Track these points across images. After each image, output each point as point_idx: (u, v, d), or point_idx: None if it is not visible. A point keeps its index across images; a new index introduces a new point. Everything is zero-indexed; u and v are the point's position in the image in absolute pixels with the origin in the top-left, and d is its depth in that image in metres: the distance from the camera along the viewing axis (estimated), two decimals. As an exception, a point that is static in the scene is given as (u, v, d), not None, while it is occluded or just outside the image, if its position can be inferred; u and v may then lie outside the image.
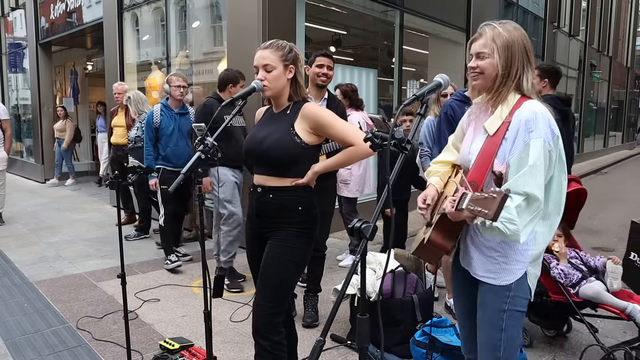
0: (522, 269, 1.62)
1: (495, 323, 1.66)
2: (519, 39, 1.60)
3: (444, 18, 8.27)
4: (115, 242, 5.26)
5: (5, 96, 12.71)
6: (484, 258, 1.66)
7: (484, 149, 1.62)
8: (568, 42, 15.27)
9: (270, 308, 2.05)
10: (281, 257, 2.06)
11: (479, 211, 1.36)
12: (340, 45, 7.74)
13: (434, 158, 2.03)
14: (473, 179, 1.59)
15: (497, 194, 1.34)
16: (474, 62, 1.64)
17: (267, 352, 2.04)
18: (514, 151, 1.54)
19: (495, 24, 1.63)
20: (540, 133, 1.51)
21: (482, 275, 1.67)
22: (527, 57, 1.61)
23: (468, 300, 1.79)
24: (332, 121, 2.10)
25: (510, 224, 1.45)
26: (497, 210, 1.32)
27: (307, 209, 2.11)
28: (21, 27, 11.33)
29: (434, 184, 1.82)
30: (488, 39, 1.61)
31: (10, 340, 3.11)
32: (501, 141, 1.58)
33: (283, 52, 2.08)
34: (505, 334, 1.64)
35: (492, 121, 1.62)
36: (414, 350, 2.77)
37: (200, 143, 1.93)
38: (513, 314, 1.64)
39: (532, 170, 1.49)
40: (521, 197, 1.48)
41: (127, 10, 7.53)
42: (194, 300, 3.81)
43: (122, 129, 6.02)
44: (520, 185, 1.49)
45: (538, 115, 1.53)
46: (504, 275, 1.63)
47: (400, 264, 3.13)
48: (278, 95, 2.13)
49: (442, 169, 1.89)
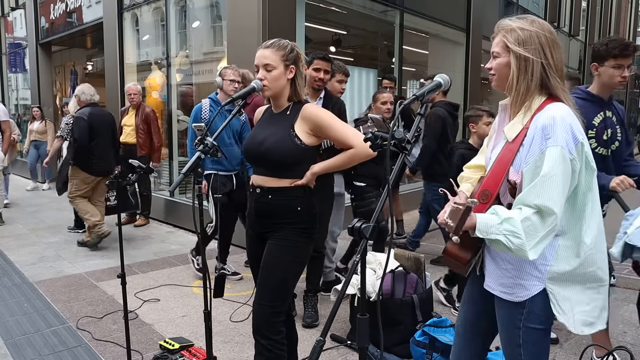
0: (538, 285, 1.48)
1: (512, 339, 1.56)
2: (537, 32, 1.47)
3: (444, 18, 8.27)
4: (115, 242, 5.26)
5: (5, 96, 12.72)
6: (499, 270, 1.56)
7: (501, 156, 1.52)
8: (568, 42, 15.27)
9: (270, 307, 2.05)
10: (281, 256, 2.06)
11: (450, 225, 1.30)
12: (340, 45, 7.74)
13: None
14: (487, 187, 1.51)
15: (462, 206, 1.28)
16: (489, 63, 1.57)
17: (267, 351, 2.04)
18: (529, 159, 1.43)
19: (511, 19, 1.52)
20: (557, 140, 1.38)
21: (495, 289, 1.57)
22: (549, 51, 1.47)
23: (474, 310, 1.71)
24: (331, 123, 2.09)
25: (514, 237, 1.36)
26: (459, 223, 1.25)
27: (306, 209, 2.10)
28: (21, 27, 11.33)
29: (464, 191, 1.70)
30: (500, 36, 1.52)
31: (10, 340, 3.11)
32: (519, 148, 1.47)
33: (284, 52, 2.07)
34: (525, 349, 1.53)
35: (512, 126, 1.52)
36: (414, 350, 2.77)
37: (200, 143, 1.93)
38: (529, 330, 1.51)
39: (545, 181, 1.37)
40: (531, 210, 1.37)
41: (127, 10, 7.53)
42: (194, 300, 3.81)
43: (130, 128, 6.11)
44: (532, 197, 1.38)
45: (557, 120, 1.40)
46: (517, 291, 1.51)
47: (400, 264, 3.13)
48: (278, 96, 2.13)
49: (474, 175, 1.77)
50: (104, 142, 5.12)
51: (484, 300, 1.66)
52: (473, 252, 1.58)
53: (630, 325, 3.33)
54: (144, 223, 6.36)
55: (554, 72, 1.48)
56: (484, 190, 1.51)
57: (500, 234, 1.36)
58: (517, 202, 1.42)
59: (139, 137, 6.07)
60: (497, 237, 1.37)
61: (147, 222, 6.44)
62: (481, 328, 1.73)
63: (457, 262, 1.59)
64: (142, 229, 6.24)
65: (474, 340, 1.75)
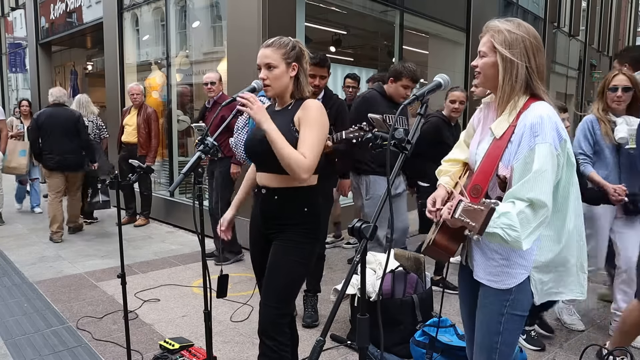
0: (525, 273, 1.59)
1: (492, 326, 1.64)
2: (522, 36, 1.54)
3: (444, 18, 8.27)
4: (115, 242, 5.27)
5: (5, 96, 12.73)
6: (486, 260, 1.64)
7: (489, 152, 1.59)
8: (568, 42, 15.27)
9: (276, 309, 2.04)
10: (287, 258, 2.04)
11: (467, 223, 1.34)
12: (340, 45, 7.74)
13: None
14: (478, 182, 1.57)
15: (485, 207, 1.31)
16: (475, 61, 1.63)
17: (272, 352, 2.02)
18: (518, 155, 1.51)
19: (499, 21, 1.59)
20: (546, 138, 1.47)
21: (482, 278, 1.65)
22: (533, 55, 1.55)
23: (473, 302, 1.76)
24: (311, 124, 1.99)
25: (511, 230, 1.42)
26: (482, 224, 1.30)
27: (312, 209, 2.09)
28: (21, 27, 11.35)
29: (444, 184, 1.77)
30: (488, 37, 1.58)
31: (10, 340, 3.11)
32: (507, 144, 1.55)
33: (285, 50, 2.03)
34: (502, 337, 1.63)
35: (498, 123, 1.59)
36: (414, 350, 2.77)
37: (200, 143, 1.92)
38: (512, 317, 1.62)
39: (537, 176, 1.45)
40: (524, 204, 1.44)
41: (127, 10, 7.53)
42: (194, 300, 3.81)
43: (132, 127, 6.20)
44: (525, 191, 1.45)
45: (544, 118, 1.49)
46: (505, 279, 1.60)
47: (400, 264, 3.13)
48: (281, 94, 2.10)
49: (453, 168, 1.84)
50: (54, 139, 5.43)
51: (476, 291, 1.72)
52: (459, 242, 1.67)
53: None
54: (144, 223, 6.37)
55: (535, 75, 1.57)
56: (475, 185, 1.56)
57: (497, 227, 1.40)
58: (508, 196, 1.49)
59: (140, 136, 6.12)
60: (494, 231, 1.41)
61: (147, 222, 6.45)
62: None
63: (445, 253, 1.66)
64: (142, 229, 6.25)
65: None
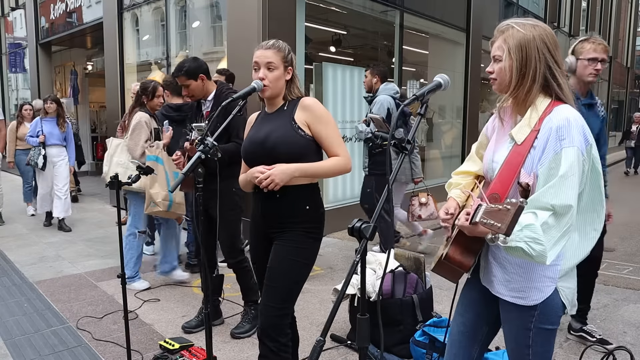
0: (552, 286, 1.48)
1: (521, 340, 1.54)
2: (537, 37, 1.46)
3: (444, 18, 8.27)
4: (115, 242, 5.26)
5: (5, 96, 12.73)
6: (507, 275, 1.51)
7: (509, 159, 1.48)
8: (568, 42, 15.27)
9: (278, 309, 2.04)
10: (289, 258, 2.04)
11: (492, 225, 1.21)
12: (340, 45, 7.74)
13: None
14: (495, 190, 1.47)
15: (512, 206, 1.19)
16: (490, 67, 1.55)
17: (272, 354, 2.02)
18: (543, 160, 1.40)
19: (513, 22, 1.50)
20: (573, 141, 1.37)
21: (506, 295, 1.53)
22: (550, 55, 1.46)
23: (475, 317, 1.68)
24: (329, 120, 2.10)
25: (536, 243, 1.30)
26: (510, 224, 1.18)
27: (314, 208, 2.09)
28: (21, 27, 11.34)
29: (454, 197, 1.67)
30: (501, 40, 1.50)
31: (10, 340, 3.11)
32: (529, 150, 1.44)
33: (284, 54, 2.09)
34: (533, 349, 1.53)
35: (519, 129, 1.49)
36: (414, 350, 2.77)
37: (200, 143, 1.92)
38: (540, 331, 1.52)
39: (563, 181, 1.35)
40: (548, 213, 1.34)
41: (127, 10, 7.53)
42: (194, 300, 3.81)
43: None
44: (549, 197, 1.35)
45: (571, 121, 1.39)
46: (531, 294, 1.48)
47: (400, 264, 3.13)
48: (276, 96, 2.12)
49: (464, 181, 1.74)
50: None
51: (485, 306, 1.64)
52: (473, 257, 1.53)
53: (630, 325, 3.33)
54: (144, 223, 6.35)
55: (559, 74, 1.47)
56: (492, 194, 1.46)
57: (521, 241, 1.30)
58: (531, 202, 1.38)
59: None
60: (517, 245, 1.30)
61: (147, 222, 6.43)
62: (480, 334, 1.70)
63: (459, 269, 1.53)
64: (142, 229, 6.24)
65: (471, 347, 1.71)
